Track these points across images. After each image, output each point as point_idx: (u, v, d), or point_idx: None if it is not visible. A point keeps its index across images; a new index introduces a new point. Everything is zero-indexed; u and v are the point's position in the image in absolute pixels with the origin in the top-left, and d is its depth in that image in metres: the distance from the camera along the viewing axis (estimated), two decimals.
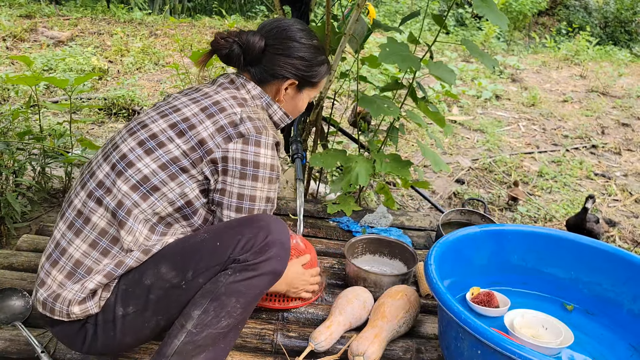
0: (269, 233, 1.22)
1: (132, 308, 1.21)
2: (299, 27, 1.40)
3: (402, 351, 1.55)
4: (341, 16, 2.24)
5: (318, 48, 1.42)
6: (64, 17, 6.38)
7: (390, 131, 2.30)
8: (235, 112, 1.27)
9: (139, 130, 1.27)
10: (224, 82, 1.37)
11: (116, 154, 1.26)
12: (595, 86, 5.86)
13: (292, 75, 1.38)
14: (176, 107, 1.29)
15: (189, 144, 1.23)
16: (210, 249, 1.21)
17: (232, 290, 1.20)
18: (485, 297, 1.61)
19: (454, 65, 6.02)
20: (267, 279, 1.24)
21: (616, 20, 9.00)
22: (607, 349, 1.52)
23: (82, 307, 1.20)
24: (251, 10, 8.25)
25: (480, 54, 1.97)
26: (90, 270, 1.21)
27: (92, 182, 1.26)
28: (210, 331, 1.21)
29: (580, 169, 3.73)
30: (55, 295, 1.21)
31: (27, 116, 2.80)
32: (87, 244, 1.22)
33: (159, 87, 4.57)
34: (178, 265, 1.21)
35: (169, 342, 1.21)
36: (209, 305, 1.19)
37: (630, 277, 1.59)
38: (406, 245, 1.92)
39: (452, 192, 3.25)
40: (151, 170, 1.22)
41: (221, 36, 1.36)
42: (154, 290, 1.20)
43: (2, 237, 2.21)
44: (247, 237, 1.21)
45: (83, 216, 1.24)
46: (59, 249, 1.24)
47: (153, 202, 1.22)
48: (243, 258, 1.20)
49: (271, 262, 1.22)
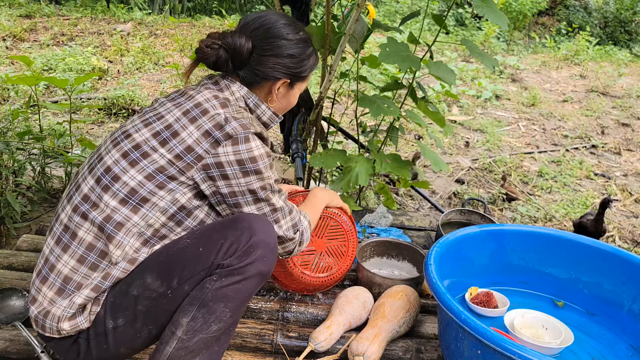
0: (252, 234, 1.20)
1: (121, 320, 1.20)
2: (284, 21, 1.34)
3: (402, 351, 1.55)
4: (341, 16, 2.24)
5: (305, 40, 1.37)
6: (64, 17, 6.38)
7: (390, 131, 2.30)
8: (219, 113, 1.23)
9: (122, 141, 1.24)
10: (208, 82, 1.33)
11: (100, 166, 1.23)
12: (595, 86, 5.86)
13: (283, 74, 1.34)
14: (160, 114, 1.26)
15: (174, 152, 1.21)
16: (194, 255, 1.19)
17: (219, 295, 1.18)
18: (484, 297, 1.61)
19: (454, 65, 6.02)
20: (254, 281, 1.21)
21: (616, 20, 9.00)
22: (607, 349, 1.52)
23: (72, 322, 1.19)
24: (251, 10, 8.25)
25: (480, 54, 1.97)
26: (80, 286, 1.19)
27: (78, 196, 1.23)
28: (202, 336, 1.20)
29: (580, 169, 3.73)
30: (45, 312, 1.20)
31: (27, 116, 2.80)
32: (75, 260, 1.20)
33: (159, 87, 4.57)
34: (163, 274, 1.19)
35: (161, 348, 1.20)
36: (197, 312, 1.17)
37: (630, 277, 1.59)
38: (416, 247, 1.91)
39: (452, 192, 3.25)
40: (137, 182, 1.20)
41: (206, 44, 1.30)
42: (141, 300, 1.19)
43: (2, 237, 2.21)
44: (230, 241, 1.18)
45: (70, 231, 1.22)
46: (48, 265, 1.22)
47: (145, 214, 1.20)
48: (227, 263, 1.17)
49: (256, 264, 1.20)
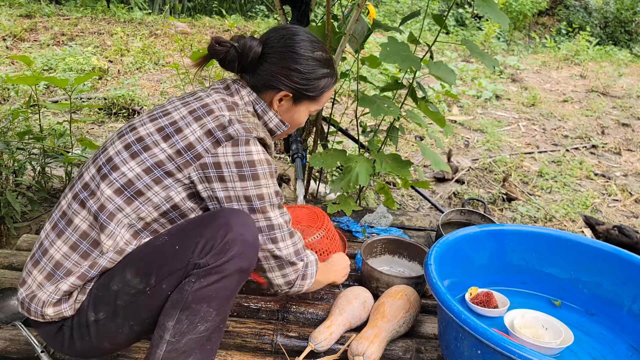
0: (228, 230, 1.16)
1: (102, 314, 1.20)
2: (302, 36, 1.33)
3: (402, 351, 1.55)
4: (341, 16, 2.24)
5: (320, 60, 1.34)
6: (64, 17, 6.38)
7: (390, 131, 2.30)
8: (224, 115, 1.23)
9: (127, 133, 1.26)
10: (219, 86, 1.34)
11: (103, 156, 1.25)
12: (595, 86, 5.86)
13: (285, 87, 1.32)
14: (167, 111, 1.27)
15: (174, 148, 1.21)
16: (170, 253, 1.17)
17: (200, 296, 1.16)
18: (484, 297, 1.61)
19: (454, 65, 6.02)
20: (234, 279, 1.18)
21: (616, 20, 9.00)
22: (607, 349, 1.52)
23: (56, 309, 1.19)
24: (251, 10, 8.25)
25: (481, 54, 1.97)
26: (70, 273, 1.19)
27: (79, 184, 1.25)
28: (190, 337, 1.19)
29: (580, 169, 3.73)
30: (32, 295, 1.20)
31: (27, 116, 2.80)
32: (68, 246, 1.20)
33: (159, 87, 4.57)
34: (142, 270, 1.18)
35: (152, 351, 1.20)
36: (181, 315, 1.16)
37: (630, 277, 1.59)
38: (426, 250, 1.91)
39: (452, 192, 3.25)
40: (135, 174, 1.20)
41: (217, 40, 1.31)
42: (120, 296, 1.18)
43: (2, 236, 2.21)
44: (205, 238, 1.15)
45: (66, 217, 1.23)
46: (41, 249, 1.23)
47: (137, 207, 1.20)
48: (203, 262, 1.14)
49: (234, 261, 1.16)
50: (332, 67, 1.39)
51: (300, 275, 1.34)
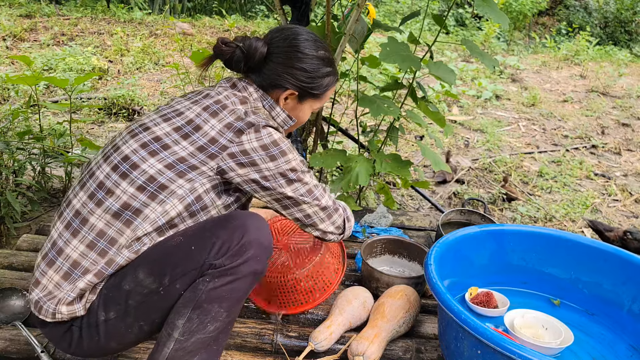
0: (244, 232, 1.19)
1: (113, 314, 1.20)
2: (305, 36, 1.37)
3: (402, 351, 1.55)
4: (341, 16, 2.24)
5: (323, 59, 1.39)
6: (64, 17, 6.38)
7: (390, 131, 2.30)
8: (239, 108, 1.28)
9: (140, 133, 1.26)
10: (226, 85, 1.37)
11: (117, 155, 1.25)
12: (595, 86, 5.86)
13: (291, 85, 1.37)
14: (179, 111, 1.29)
15: (196, 145, 1.23)
16: (185, 254, 1.19)
17: (213, 296, 1.18)
18: (484, 297, 1.61)
19: (454, 65, 6.02)
20: (248, 280, 1.21)
21: (616, 20, 9.00)
22: (607, 349, 1.52)
23: (70, 308, 1.20)
24: (251, 10, 8.25)
25: (481, 54, 1.97)
26: (87, 271, 1.20)
27: (93, 183, 1.25)
28: (199, 336, 1.20)
29: (580, 169, 3.73)
30: (50, 296, 1.21)
31: (27, 116, 2.80)
32: (85, 245, 1.21)
33: (159, 87, 4.57)
34: (155, 270, 1.19)
35: (159, 349, 1.20)
36: (192, 314, 1.17)
37: (630, 277, 1.59)
38: (426, 250, 1.91)
39: (452, 192, 3.25)
40: (157, 170, 1.21)
41: (223, 41, 1.35)
42: (132, 295, 1.19)
43: (2, 236, 2.21)
44: (222, 240, 1.18)
45: (81, 216, 1.23)
46: (55, 248, 1.23)
47: (162, 200, 1.21)
48: (219, 263, 1.17)
49: (250, 263, 1.19)
50: (334, 66, 1.44)
51: (345, 217, 1.45)
